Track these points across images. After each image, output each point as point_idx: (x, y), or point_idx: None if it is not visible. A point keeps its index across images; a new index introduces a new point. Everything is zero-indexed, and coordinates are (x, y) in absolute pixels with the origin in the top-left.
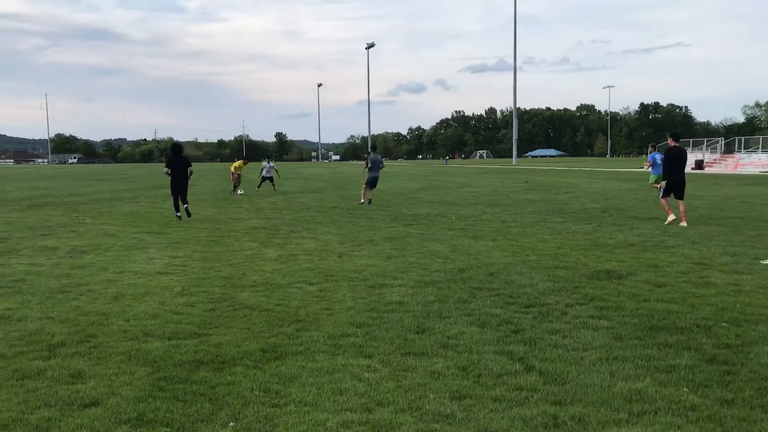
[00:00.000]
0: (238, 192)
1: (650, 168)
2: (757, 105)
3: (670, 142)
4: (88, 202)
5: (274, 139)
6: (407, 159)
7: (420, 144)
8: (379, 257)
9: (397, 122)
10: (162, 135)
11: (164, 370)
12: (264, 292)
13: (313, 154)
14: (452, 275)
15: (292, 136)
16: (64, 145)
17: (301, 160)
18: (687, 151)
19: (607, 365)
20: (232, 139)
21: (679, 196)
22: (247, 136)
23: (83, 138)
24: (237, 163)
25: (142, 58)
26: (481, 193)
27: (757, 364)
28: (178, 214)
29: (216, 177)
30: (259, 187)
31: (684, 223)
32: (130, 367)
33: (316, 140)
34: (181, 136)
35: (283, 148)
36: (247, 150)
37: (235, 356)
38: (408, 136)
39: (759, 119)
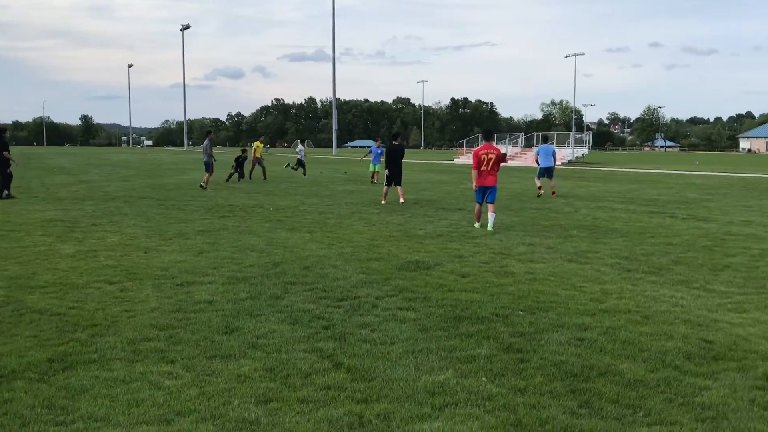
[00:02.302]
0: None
1: (370, 158)
2: (553, 103)
3: (393, 142)
4: None
5: (79, 122)
6: (228, 147)
7: (240, 131)
8: (190, 252)
9: (215, 108)
10: None
11: None
12: (56, 294)
13: (124, 138)
14: (266, 270)
15: (99, 119)
16: None
17: (110, 145)
18: (404, 149)
19: (412, 358)
20: (31, 120)
21: (398, 183)
22: (48, 117)
23: None
24: (257, 144)
25: None
26: (301, 183)
27: (547, 351)
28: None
29: None
30: (299, 168)
31: (402, 200)
32: None
33: (126, 124)
34: None
35: (89, 132)
36: (48, 133)
37: (16, 369)
38: (227, 123)
39: (554, 116)
